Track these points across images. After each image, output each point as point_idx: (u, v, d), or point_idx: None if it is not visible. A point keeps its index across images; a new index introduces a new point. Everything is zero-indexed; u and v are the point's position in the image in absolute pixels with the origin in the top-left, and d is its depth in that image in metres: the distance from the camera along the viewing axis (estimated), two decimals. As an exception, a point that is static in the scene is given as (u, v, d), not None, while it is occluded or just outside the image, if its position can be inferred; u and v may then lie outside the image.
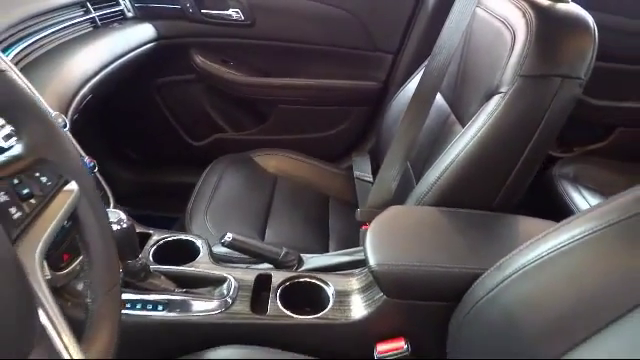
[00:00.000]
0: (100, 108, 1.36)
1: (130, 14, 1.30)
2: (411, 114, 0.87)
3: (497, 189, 0.79)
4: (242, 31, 1.37)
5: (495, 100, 0.76)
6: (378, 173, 0.91)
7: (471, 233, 0.74)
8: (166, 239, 0.84)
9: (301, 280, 0.77)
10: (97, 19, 1.16)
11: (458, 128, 0.89)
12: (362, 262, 0.81)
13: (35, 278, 0.39)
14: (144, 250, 0.81)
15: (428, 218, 0.77)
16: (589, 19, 0.75)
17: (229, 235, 0.82)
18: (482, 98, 0.80)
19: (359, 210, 0.92)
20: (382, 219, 0.76)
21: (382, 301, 0.69)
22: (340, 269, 0.83)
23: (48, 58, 0.94)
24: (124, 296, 0.70)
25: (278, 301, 0.73)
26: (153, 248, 0.81)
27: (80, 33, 1.09)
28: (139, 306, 0.69)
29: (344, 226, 1.13)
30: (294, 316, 0.71)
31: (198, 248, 0.83)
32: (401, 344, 0.69)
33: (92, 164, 0.79)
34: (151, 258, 0.80)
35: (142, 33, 1.27)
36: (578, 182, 1.24)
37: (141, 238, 0.80)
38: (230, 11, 1.34)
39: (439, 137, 0.94)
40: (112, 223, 0.62)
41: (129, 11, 1.29)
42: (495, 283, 0.57)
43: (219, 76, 1.40)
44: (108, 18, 1.20)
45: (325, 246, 1.07)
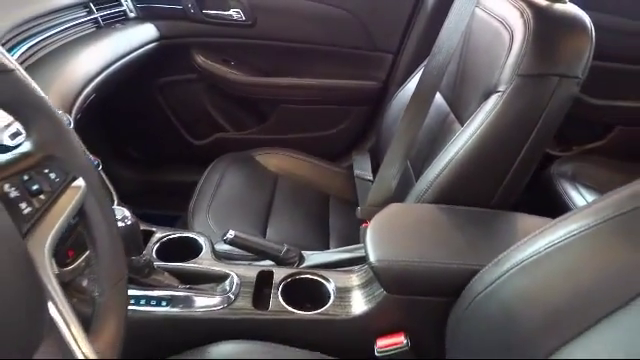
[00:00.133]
0: (102, 108, 1.37)
1: (132, 14, 1.31)
2: (411, 113, 0.88)
3: (495, 187, 0.79)
4: (243, 31, 1.38)
5: (493, 99, 0.77)
6: (378, 171, 0.92)
7: (470, 230, 0.75)
8: (169, 236, 0.84)
9: (302, 276, 0.77)
10: (100, 19, 1.17)
11: (457, 127, 0.89)
12: (362, 259, 0.81)
13: (44, 272, 0.40)
14: (147, 247, 0.81)
15: (427, 215, 0.78)
16: (586, 19, 0.76)
17: (231, 232, 0.83)
18: (481, 97, 0.81)
19: (359, 208, 0.93)
20: (382, 216, 0.77)
21: (382, 297, 0.70)
22: (341, 266, 0.84)
23: (52, 58, 0.95)
24: (128, 292, 0.71)
25: (280, 297, 0.73)
26: (156, 245, 0.82)
27: (83, 33, 1.10)
28: (143, 302, 0.70)
29: (344, 224, 1.14)
30: (295, 312, 0.72)
31: (201, 245, 0.83)
32: (401, 339, 0.69)
33: (96, 162, 0.80)
34: (154, 255, 0.81)
35: (144, 33, 1.28)
36: (576, 180, 1.25)
37: (144, 236, 0.80)
38: (231, 11, 1.35)
39: (438, 136, 0.95)
40: (116, 220, 0.62)
41: (131, 11, 1.30)
42: (493, 278, 0.58)
43: (220, 76, 1.41)
44: (111, 18, 1.22)
45: (326, 244, 1.08)
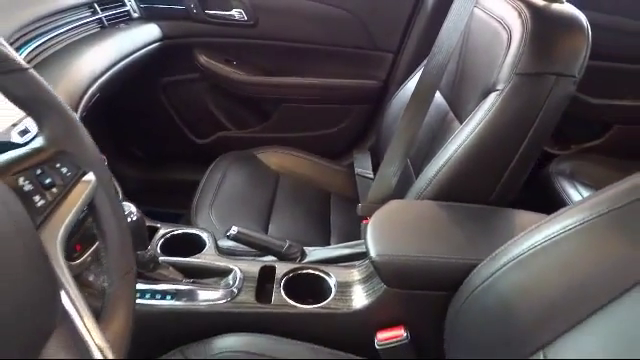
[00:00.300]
0: (106, 107, 1.39)
1: (136, 15, 1.32)
2: (411, 112, 0.89)
3: (494, 184, 0.81)
4: (245, 31, 1.40)
5: (492, 97, 0.78)
6: (379, 169, 0.93)
7: (468, 225, 0.76)
8: (173, 232, 0.86)
9: (304, 271, 0.79)
10: (104, 20, 1.18)
11: (456, 125, 0.90)
12: (363, 254, 0.83)
13: (57, 262, 0.41)
14: (152, 243, 0.83)
15: (427, 211, 0.79)
16: (583, 19, 0.78)
17: (234, 228, 0.84)
18: (479, 96, 0.82)
19: (360, 205, 0.94)
20: (382, 212, 0.78)
21: (382, 291, 0.71)
22: (342, 261, 0.85)
23: (58, 58, 0.96)
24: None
25: (282, 291, 0.75)
26: (161, 241, 0.84)
27: (88, 33, 1.12)
28: (148, 295, 0.72)
29: (345, 221, 1.15)
30: (297, 305, 0.73)
31: (204, 241, 0.85)
32: (401, 332, 0.71)
33: (103, 158, 0.81)
34: (159, 250, 0.82)
35: (147, 33, 1.29)
36: (575, 179, 1.26)
37: (149, 231, 0.81)
38: (233, 11, 1.36)
39: (438, 134, 0.96)
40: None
41: (135, 12, 1.32)
42: (490, 272, 0.59)
43: (223, 75, 1.42)
44: (115, 19, 1.23)
45: (327, 241, 1.09)
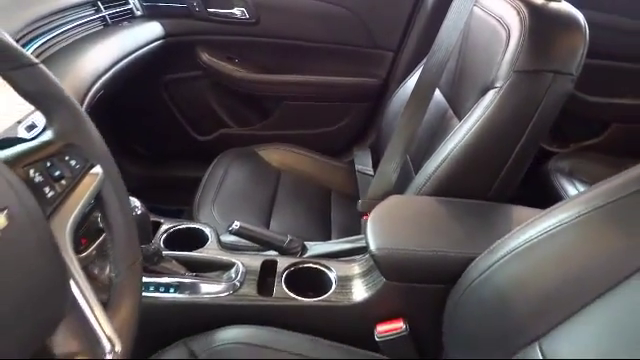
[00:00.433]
0: (109, 105, 1.40)
1: (139, 13, 1.33)
2: (410, 109, 0.90)
3: (492, 180, 0.82)
4: (247, 29, 1.41)
5: (490, 95, 0.79)
6: (379, 166, 0.94)
7: (467, 220, 0.77)
8: (176, 227, 0.87)
9: (305, 265, 0.80)
10: (107, 18, 1.19)
11: (456, 122, 0.91)
12: (363, 249, 0.84)
13: (66, 252, 0.42)
14: (155, 237, 0.84)
15: (426, 207, 0.80)
16: (580, 17, 0.79)
17: (236, 223, 0.85)
18: (478, 93, 0.83)
19: (360, 201, 0.95)
20: (382, 207, 0.79)
21: (382, 284, 0.72)
22: (342, 256, 0.86)
23: (62, 55, 0.97)
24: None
25: (283, 285, 0.76)
26: (164, 235, 0.85)
27: (91, 31, 1.13)
28: (152, 288, 0.73)
29: (346, 217, 1.16)
30: (298, 298, 0.74)
31: (207, 236, 0.86)
32: (400, 324, 0.72)
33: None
34: (162, 245, 0.84)
35: (150, 31, 1.30)
36: (573, 176, 1.27)
37: (152, 226, 0.83)
38: (235, 10, 1.37)
39: (438, 131, 0.97)
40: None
41: (138, 10, 1.33)
42: (488, 265, 0.61)
43: (224, 73, 1.43)
44: (118, 17, 1.24)
45: (327, 237, 1.10)
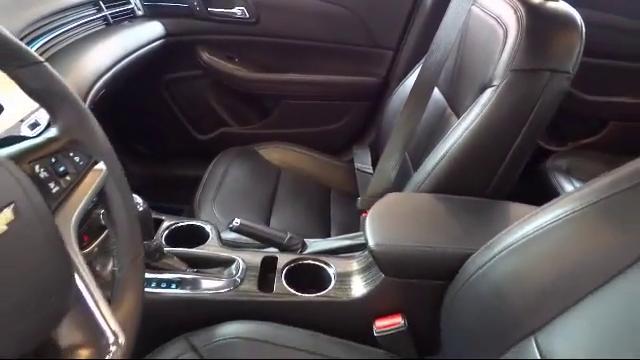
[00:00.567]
0: (110, 104, 1.41)
1: (140, 12, 1.34)
2: (409, 107, 0.91)
3: (489, 177, 0.83)
4: (247, 28, 1.42)
5: (488, 93, 0.80)
6: (378, 163, 0.95)
7: (465, 217, 0.78)
8: (177, 224, 0.88)
9: (305, 262, 0.81)
10: (109, 17, 1.20)
11: (454, 120, 0.92)
12: (362, 246, 0.85)
13: (71, 247, 0.43)
14: (157, 235, 0.85)
15: (425, 204, 0.81)
16: (577, 16, 0.80)
17: (237, 220, 0.86)
18: (476, 92, 0.84)
19: (359, 199, 0.96)
20: (381, 204, 0.80)
21: (381, 280, 0.73)
22: (341, 252, 0.87)
23: (64, 54, 0.98)
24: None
25: (283, 281, 0.77)
26: (165, 232, 0.86)
27: (93, 31, 1.14)
28: (154, 284, 0.74)
29: (345, 215, 1.17)
30: (298, 294, 0.75)
31: (207, 233, 0.87)
32: (398, 320, 0.73)
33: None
34: (164, 242, 0.84)
35: (151, 31, 1.31)
36: (571, 175, 1.27)
37: (154, 223, 0.84)
38: (235, 9, 1.38)
39: (436, 129, 0.98)
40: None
41: (139, 9, 1.34)
42: (485, 260, 0.61)
43: (225, 72, 1.44)
44: (119, 16, 1.25)
45: (327, 234, 1.11)
